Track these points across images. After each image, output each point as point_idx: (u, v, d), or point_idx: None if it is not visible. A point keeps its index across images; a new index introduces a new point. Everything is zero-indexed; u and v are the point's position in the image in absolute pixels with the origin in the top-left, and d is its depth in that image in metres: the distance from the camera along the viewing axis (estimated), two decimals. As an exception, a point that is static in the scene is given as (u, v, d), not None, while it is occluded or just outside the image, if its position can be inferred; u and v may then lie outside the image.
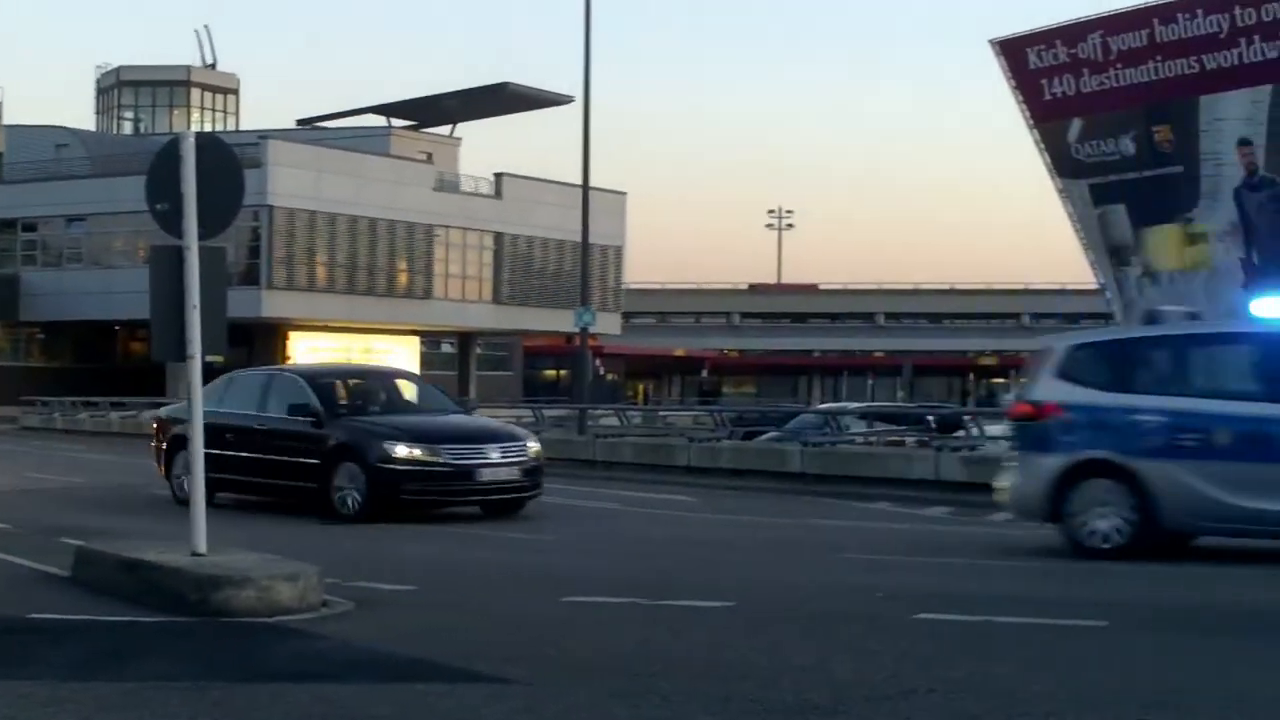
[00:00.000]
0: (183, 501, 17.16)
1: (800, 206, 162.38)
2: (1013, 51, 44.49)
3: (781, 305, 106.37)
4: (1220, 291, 42.38)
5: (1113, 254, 45.04)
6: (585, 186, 43.34)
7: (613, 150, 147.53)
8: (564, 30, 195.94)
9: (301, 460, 19.67)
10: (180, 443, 18.93)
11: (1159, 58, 40.95)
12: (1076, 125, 43.91)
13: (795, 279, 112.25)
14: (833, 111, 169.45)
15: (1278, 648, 9.58)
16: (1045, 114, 44.37)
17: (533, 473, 19.81)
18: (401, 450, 18.91)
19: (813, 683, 7.81)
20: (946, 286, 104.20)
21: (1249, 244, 41.35)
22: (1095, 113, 43.11)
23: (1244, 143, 40.38)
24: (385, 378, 23.46)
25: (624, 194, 71.68)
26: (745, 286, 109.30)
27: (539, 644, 9.02)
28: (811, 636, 9.37)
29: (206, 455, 11.72)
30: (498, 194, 68.86)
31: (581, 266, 46.33)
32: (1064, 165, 44.75)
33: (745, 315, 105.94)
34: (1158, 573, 13.34)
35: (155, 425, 23.53)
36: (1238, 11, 38.84)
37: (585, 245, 44.53)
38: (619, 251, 72.29)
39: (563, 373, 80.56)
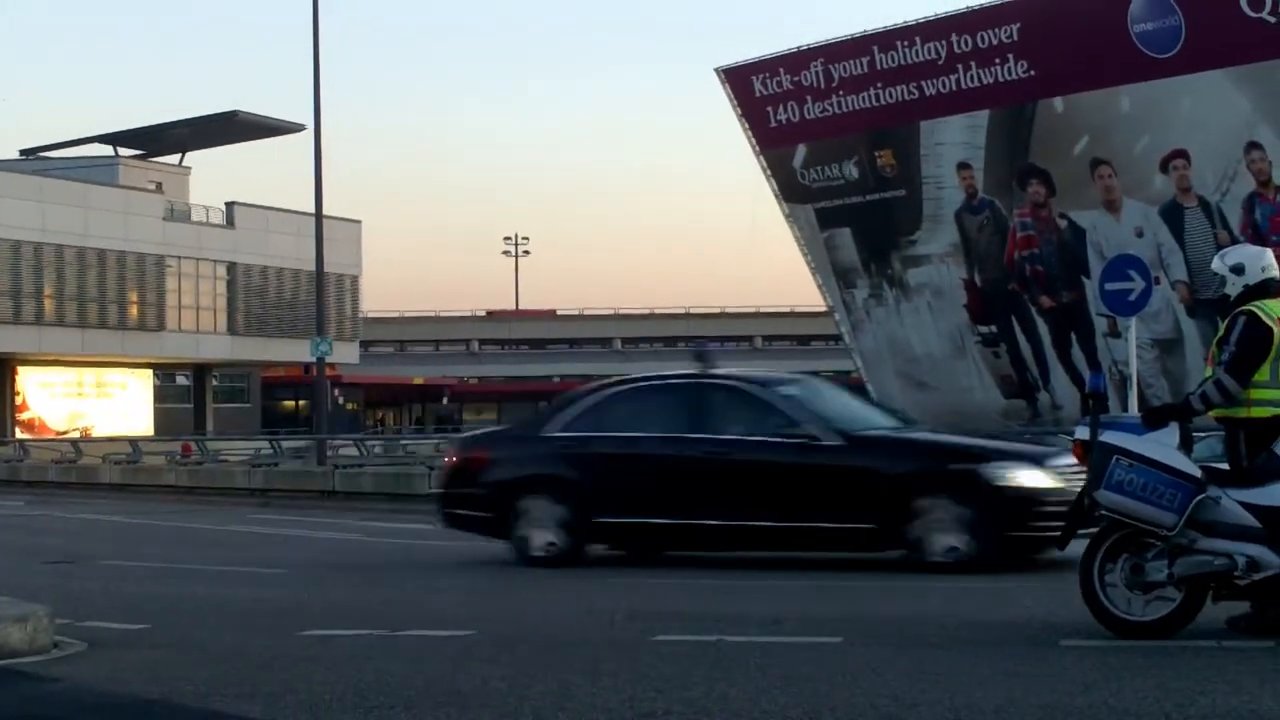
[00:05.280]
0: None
1: (535, 233, 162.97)
2: (738, 79, 45.27)
3: (520, 331, 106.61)
4: (945, 310, 43.68)
5: (840, 276, 46.07)
6: (319, 215, 43.12)
7: (347, 178, 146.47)
8: (294, 58, 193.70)
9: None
10: None
11: (880, 84, 42.04)
12: (801, 151, 44.84)
13: (533, 305, 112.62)
14: (563, 136, 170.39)
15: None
16: (771, 140, 45.21)
17: None
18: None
19: (553, 709, 7.89)
20: (681, 310, 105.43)
21: (970, 264, 42.67)
22: (819, 139, 44.07)
23: (963, 166, 41.66)
24: None
25: (359, 222, 71.48)
26: (483, 313, 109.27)
27: (277, 680, 8.93)
28: (551, 663, 9.45)
29: None
30: (230, 223, 68.05)
31: (317, 295, 46.10)
32: (791, 190, 45.66)
33: (484, 342, 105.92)
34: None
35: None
36: (954, 38, 40.11)
37: (320, 274, 44.32)
38: (355, 280, 71.91)
39: (302, 403, 79.73)
